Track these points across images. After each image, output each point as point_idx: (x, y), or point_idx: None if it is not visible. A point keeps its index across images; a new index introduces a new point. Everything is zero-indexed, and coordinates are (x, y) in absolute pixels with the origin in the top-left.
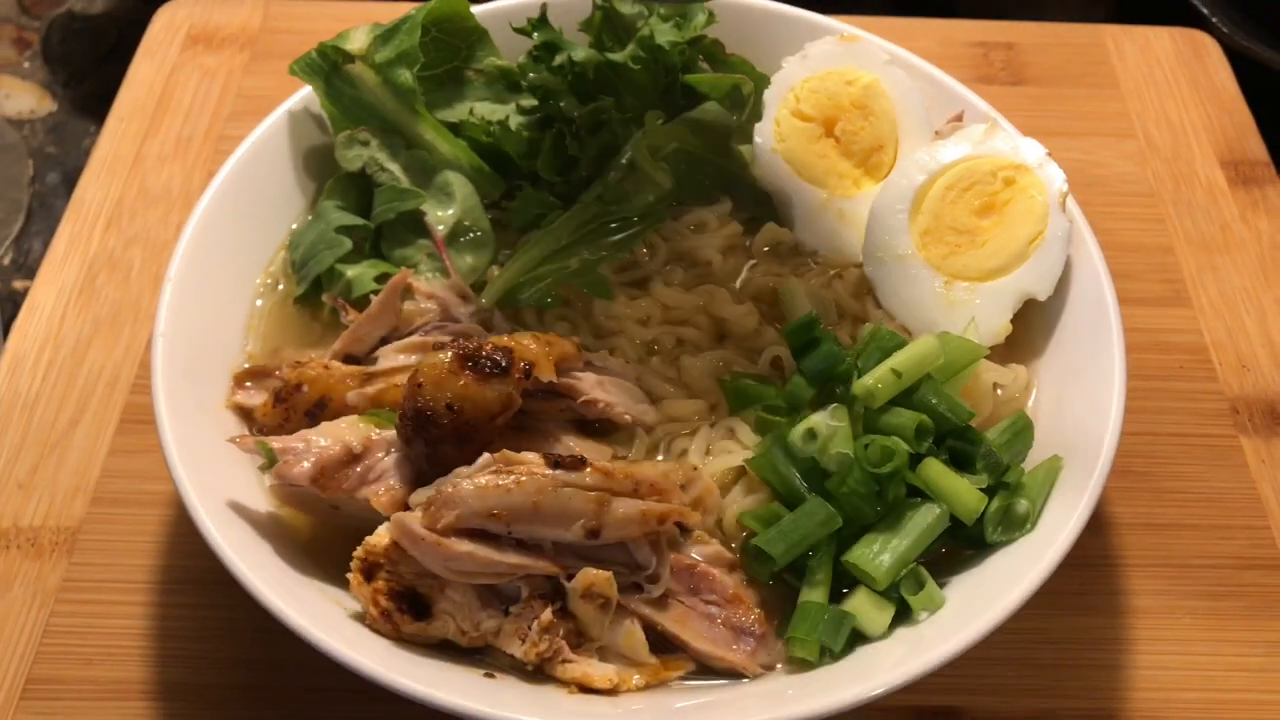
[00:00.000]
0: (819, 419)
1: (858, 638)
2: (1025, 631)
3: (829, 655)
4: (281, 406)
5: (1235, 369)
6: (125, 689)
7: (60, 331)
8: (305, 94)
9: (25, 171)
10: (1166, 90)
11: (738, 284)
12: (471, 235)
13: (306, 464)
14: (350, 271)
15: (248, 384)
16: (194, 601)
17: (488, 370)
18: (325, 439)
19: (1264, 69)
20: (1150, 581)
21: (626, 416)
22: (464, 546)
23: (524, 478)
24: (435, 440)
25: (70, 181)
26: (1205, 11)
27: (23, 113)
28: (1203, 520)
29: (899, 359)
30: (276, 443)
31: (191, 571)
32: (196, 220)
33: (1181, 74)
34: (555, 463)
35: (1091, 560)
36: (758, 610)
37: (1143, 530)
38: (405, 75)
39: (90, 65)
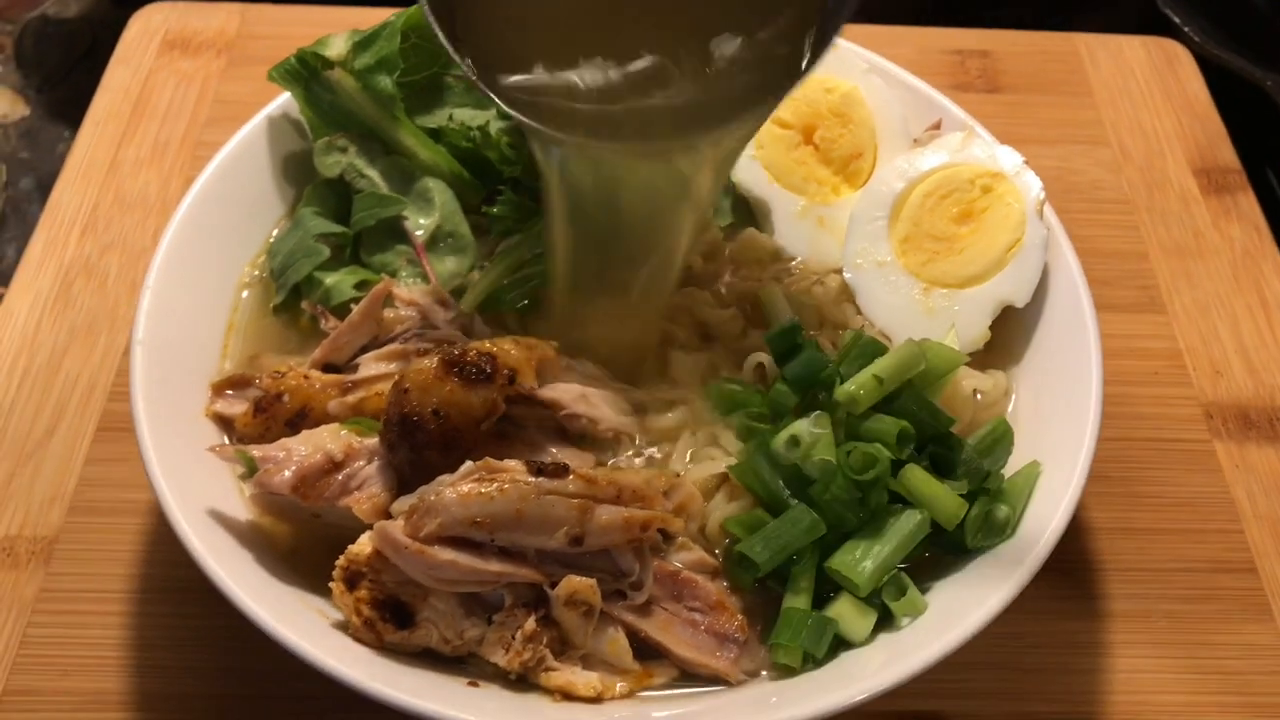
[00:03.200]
0: (802, 426)
1: (840, 643)
2: (1005, 636)
3: (812, 661)
4: (262, 417)
5: (1209, 374)
6: (103, 700)
7: (36, 339)
8: (284, 100)
9: None
10: (1140, 98)
11: (720, 288)
12: (451, 241)
13: (287, 472)
14: (329, 279)
15: (227, 393)
16: (172, 611)
17: (473, 376)
18: (306, 447)
19: (1235, 78)
20: (1126, 585)
21: (609, 432)
22: (447, 555)
23: (507, 485)
24: (420, 446)
25: (44, 187)
26: (1177, 20)
27: None
28: (1177, 525)
29: (881, 365)
30: (256, 451)
31: (170, 580)
32: (175, 227)
33: (1154, 82)
34: (538, 470)
35: (1069, 565)
36: (740, 617)
37: (1119, 535)
38: (385, 81)
39: (64, 69)
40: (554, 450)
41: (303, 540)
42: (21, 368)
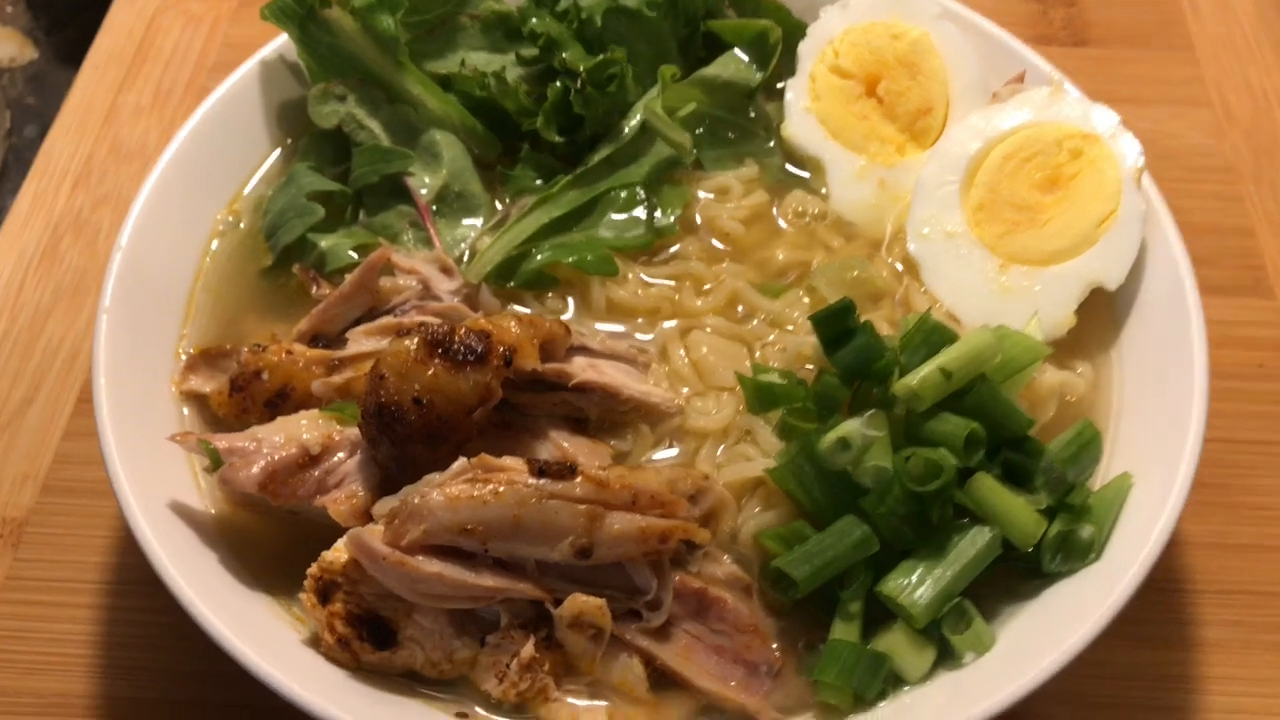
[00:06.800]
0: (853, 427)
1: (891, 678)
2: (1080, 663)
3: (859, 701)
4: (238, 396)
5: None
6: (68, 704)
7: (18, 300)
8: (282, 40)
9: (2, 124)
10: (1246, 53)
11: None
12: (460, 201)
13: (255, 468)
14: (324, 242)
15: (201, 367)
16: (144, 605)
17: (461, 358)
18: (279, 436)
19: None
20: (1223, 610)
21: (631, 395)
22: (432, 567)
23: (503, 488)
24: (402, 440)
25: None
26: None
27: (2, 60)
28: None
29: (948, 356)
30: (222, 441)
31: (146, 572)
32: (154, 181)
33: (1264, 34)
34: (540, 470)
35: (1158, 584)
36: (775, 644)
37: (1216, 551)
38: (387, 21)
39: (74, 11)
40: (564, 443)
41: (281, 536)
42: (0, 331)
